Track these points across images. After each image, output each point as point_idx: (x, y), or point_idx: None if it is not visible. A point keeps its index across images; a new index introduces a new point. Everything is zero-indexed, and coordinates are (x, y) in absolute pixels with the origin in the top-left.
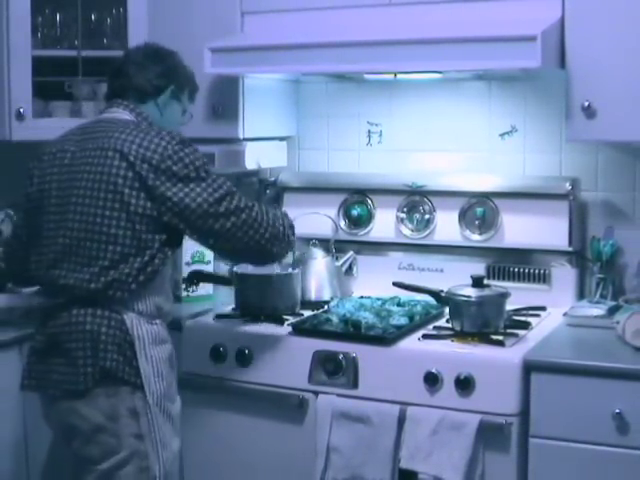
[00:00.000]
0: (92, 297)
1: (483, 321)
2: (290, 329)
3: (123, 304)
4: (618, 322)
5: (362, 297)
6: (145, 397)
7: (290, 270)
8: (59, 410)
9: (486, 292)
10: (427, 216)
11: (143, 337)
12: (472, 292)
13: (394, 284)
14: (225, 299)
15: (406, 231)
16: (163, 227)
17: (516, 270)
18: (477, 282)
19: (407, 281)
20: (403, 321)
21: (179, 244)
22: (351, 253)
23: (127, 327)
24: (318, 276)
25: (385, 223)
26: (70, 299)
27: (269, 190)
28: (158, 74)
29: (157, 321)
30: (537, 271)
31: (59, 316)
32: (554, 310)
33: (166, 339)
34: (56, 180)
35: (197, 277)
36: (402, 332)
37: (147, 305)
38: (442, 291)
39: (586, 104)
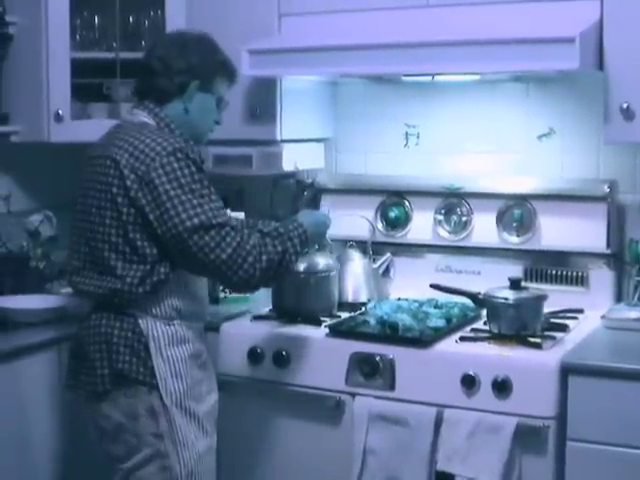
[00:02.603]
0: (108, 302)
1: (521, 324)
2: (327, 331)
3: (136, 307)
4: None
5: (399, 299)
6: (162, 397)
7: (328, 271)
8: (90, 411)
9: (524, 294)
10: (464, 218)
11: (158, 338)
12: (510, 294)
13: (431, 286)
14: (262, 300)
15: (443, 233)
16: (156, 236)
17: (554, 272)
18: (515, 284)
19: (444, 283)
20: (440, 323)
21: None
22: (388, 255)
23: (141, 329)
24: (355, 278)
25: (422, 225)
26: (91, 304)
27: (306, 192)
28: (181, 70)
29: (175, 322)
30: (575, 274)
31: (84, 321)
32: (592, 313)
33: (187, 339)
34: (81, 188)
35: None
36: (439, 334)
37: (162, 308)
38: (479, 293)
39: (625, 106)
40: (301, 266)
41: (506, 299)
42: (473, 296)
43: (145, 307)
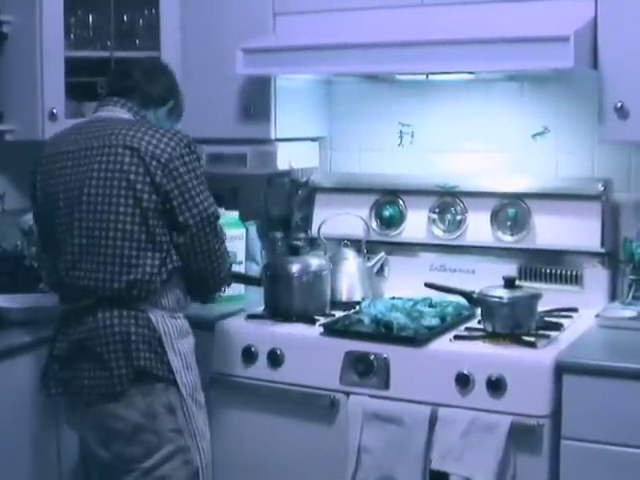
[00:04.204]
0: (116, 297)
1: (515, 322)
2: (321, 330)
3: (147, 301)
4: None
5: (393, 298)
6: (178, 391)
7: (320, 270)
8: (94, 414)
9: (518, 293)
10: (459, 217)
11: (169, 332)
12: (504, 293)
13: (426, 285)
14: (256, 299)
15: (438, 232)
16: (173, 224)
17: (548, 271)
18: (509, 283)
19: (438, 282)
20: (435, 322)
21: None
22: (382, 254)
23: (154, 324)
24: (349, 277)
25: (417, 224)
26: (93, 301)
27: (301, 191)
28: (165, 86)
29: (179, 314)
30: (569, 272)
31: (83, 321)
32: (586, 312)
33: (189, 331)
34: (62, 182)
35: None
36: (433, 333)
37: (169, 299)
38: (474, 292)
39: (619, 105)
40: (294, 266)
41: (500, 298)
42: (467, 295)
43: (155, 300)
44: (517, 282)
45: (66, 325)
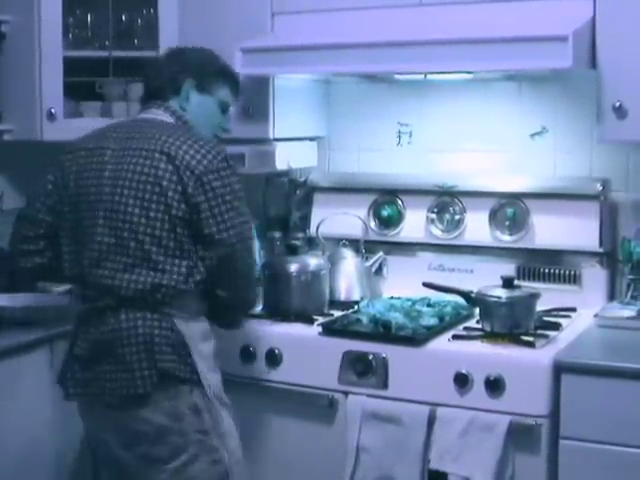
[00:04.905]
0: (138, 298)
1: (513, 322)
2: (320, 329)
3: (170, 305)
4: None
5: (392, 297)
6: (203, 393)
7: (318, 270)
8: (116, 417)
9: (516, 293)
10: (457, 217)
11: (193, 335)
12: (502, 293)
13: (424, 284)
14: None
15: (436, 232)
16: (200, 236)
17: (546, 271)
18: (507, 283)
19: (437, 282)
20: (433, 322)
21: None
22: (381, 253)
23: (177, 327)
24: (348, 276)
25: (415, 224)
26: (116, 301)
27: (299, 190)
28: (174, 72)
29: (202, 317)
30: (567, 272)
31: (105, 321)
32: (584, 311)
33: (211, 334)
34: (95, 177)
35: None
36: (432, 333)
37: (193, 304)
38: (472, 292)
39: (617, 104)
40: (293, 266)
41: (499, 298)
42: (466, 295)
43: (179, 304)
44: (515, 282)
45: (87, 324)
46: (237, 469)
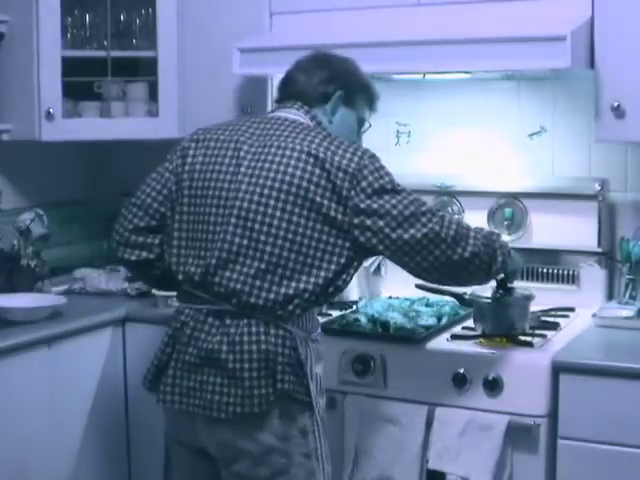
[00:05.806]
0: (260, 308)
1: (507, 324)
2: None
3: (294, 320)
4: None
5: (390, 297)
6: (313, 415)
7: None
8: (222, 432)
9: (509, 295)
10: (456, 216)
11: (310, 356)
12: (495, 295)
13: (417, 286)
14: None
15: None
16: (352, 242)
17: (545, 271)
18: (501, 284)
19: None
20: (431, 322)
21: (361, 262)
22: None
23: (297, 346)
24: None
25: None
26: (239, 308)
27: None
28: (323, 79)
29: (317, 337)
30: (566, 272)
31: (221, 329)
32: (583, 311)
33: (322, 355)
34: (230, 172)
35: None
36: (430, 332)
37: (310, 320)
38: (465, 293)
39: (615, 104)
40: None
41: (491, 300)
42: (459, 296)
43: (299, 320)
44: (514, 281)
45: (197, 329)
46: None
